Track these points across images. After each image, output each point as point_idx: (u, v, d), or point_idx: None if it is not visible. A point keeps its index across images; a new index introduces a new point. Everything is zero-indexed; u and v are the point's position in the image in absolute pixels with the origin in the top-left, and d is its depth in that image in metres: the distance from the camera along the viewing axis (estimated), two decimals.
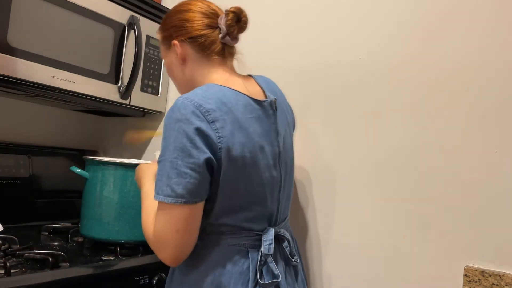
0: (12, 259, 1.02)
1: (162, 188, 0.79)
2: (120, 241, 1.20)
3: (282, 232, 0.94)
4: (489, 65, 1.02)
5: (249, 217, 0.88)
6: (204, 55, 0.94)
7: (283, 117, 0.98)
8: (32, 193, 1.49)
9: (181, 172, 0.78)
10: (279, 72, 1.35)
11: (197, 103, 0.81)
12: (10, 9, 1.07)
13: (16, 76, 1.10)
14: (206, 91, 0.84)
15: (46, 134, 1.63)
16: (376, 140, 1.16)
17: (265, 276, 0.86)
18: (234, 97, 0.86)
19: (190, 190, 0.79)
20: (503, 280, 0.95)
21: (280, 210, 0.96)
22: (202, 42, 0.93)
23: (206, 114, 0.81)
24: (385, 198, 1.13)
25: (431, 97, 1.09)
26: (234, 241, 0.87)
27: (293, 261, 0.95)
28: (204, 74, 0.94)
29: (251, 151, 0.85)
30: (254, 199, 0.88)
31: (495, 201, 0.98)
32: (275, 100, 0.93)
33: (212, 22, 0.93)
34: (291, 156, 1.02)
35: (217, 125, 0.81)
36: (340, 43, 1.25)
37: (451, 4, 1.08)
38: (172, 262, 0.83)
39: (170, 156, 0.79)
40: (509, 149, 0.98)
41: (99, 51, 1.31)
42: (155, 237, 0.82)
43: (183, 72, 0.97)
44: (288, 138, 1.00)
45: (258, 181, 0.88)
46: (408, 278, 1.08)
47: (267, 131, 0.90)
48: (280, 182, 0.94)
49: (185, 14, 0.94)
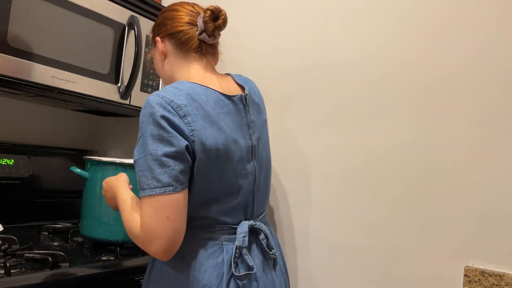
0: (12, 259, 1.02)
1: (148, 182, 0.81)
2: (120, 241, 1.20)
3: (258, 225, 0.95)
4: (489, 65, 1.02)
5: (224, 210, 0.90)
6: (182, 51, 0.98)
7: (258, 114, 1.01)
8: (32, 193, 1.49)
9: (163, 162, 0.80)
10: (278, 72, 1.35)
11: (168, 99, 0.84)
12: (10, 9, 1.07)
13: (16, 76, 1.10)
14: (176, 88, 0.88)
15: (46, 134, 1.63)
16: (376, 140, 1.16)
17: (240, 269, 0.88)
18: (204, 93, 0.90)
19: (176, 177, 0.81)
20: (503, 280, 0.95)
21: (256, 204, 0.97)
22: (180, 38, 0.97)
23: (178, 109, 0.84)
24: (385, 198, 1.13)
25: (432, 97, 1.09)
26: (209, 234, 0.89)
27: (271, 254, 0.96)
28: (182, 70, 0.98)
29: (224, 143, 0.88)
30: (227, 191, 0.90)
31: (495, 201, 0.98)
32: (245, 95, 0.96)
33: (192, 20, 0.97)
34: (267, 152, 1.04)
35: (188, 119, 0.84)
36: (340, 43, 1.25)
37: (451, 4, 1.08)
38: (165, 253, 0.82)
39: (150, 149, 0.81)
40: (509, 149, 0.98)
41: (99, 51, 1.31)
42: (144, 230, 0.82)
43: (164, 68, 1.02)
44: (264, 134, 1.03)
45: (231, 173, 0.90)
46: (408, 278, 1.08)
47: (239, 125, 0.93)
48: (254, 175, 0.96)
49: (169, 13, 1.00)
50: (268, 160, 1.05)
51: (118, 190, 0.98)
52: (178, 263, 0.88)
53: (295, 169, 1.30)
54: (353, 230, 1.18)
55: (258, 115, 1.01)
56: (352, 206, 1.19)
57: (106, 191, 1.06)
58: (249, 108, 0.97)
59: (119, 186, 0.99)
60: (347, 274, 1.18)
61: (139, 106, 1.47)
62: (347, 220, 1.19)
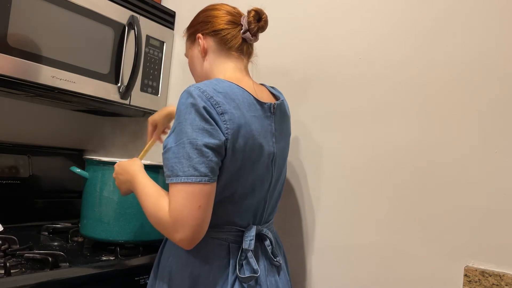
0: (12, 259, 1.02)
1: (184, 169, 0.80)
2: (120, 241, 1.20)
3: (265, 231, 0.96)
4: (489, 64, 1.02)
5: (236, 211, 0.91)
6: (224, 49, 0.99)
7: (283, 126, 1.02)
8: (32, 193, 1.49)
9: (203, 151, 0.80)
10: (278, 72, 1.35)
11: (208, 94, 0.84)
12: (10, 9, 1.07)
13: (16, 76, 1.10)
14: (216, 84, 0.88)
15: (46, 134, 1.63)
16: (376, 139, 1.16)
17: (245, 271, 0.89)
18: (241, 94, 0.90)
19: (212, 169, 0.81)
20: (503, 280, 0.95)
21: (266, 211, 0.98)
22: (224, 36, 0.99)
23: (216, 106, 0.84)
24: (385, 198, 1.13)
25: (432, 96, 1.09)
26: (217, 234, 0.90)
27: (275, 261, 0.97)
28: (219, 69, 0.99)
29: (252, 147, 0.89)
30: (244, 193, 0.91)
31: (495, 201, 0.98)
32: (274, 104, 0.97)
33: (235, 19, 1.00)
34: (284, 165, 1.06)
35: (225, 117, 0.84)
36: (340, 43, 1.25)
37: (450, 4, 1.08)
38: (190, 241, 0.81)
39: (190, 137, 0.81)
40: (509, 149, 0.98)
41: (99, 51, 1.31)
42: (172, 217, 0.80)
43: (203, 66, 1.02)
44: (286, 148, 1.05)
45: (252, 177, 0.91)
46: (408, 278, 1.08)
47: (265, 132, 0.94)
48: (270, 182, 0.97)
49: (211, 12, 1.02)
50: (284, 174, 1.06)
51: (136, 174, 0.96)
52: (183, 259, 0.89)
53: (294, 169, 1.30)
54: (353, 229, 1.18)
55: (285, 127, 1.03)
56: (352, 205, 1.19)
57: (119, 174, 1.04)
58: (276, 117, 0.98)
59: (137, 171, 0.98)
60: (347, 273, 1.18)
61: (139, 106, 1.47)
62: (347, 220, 1.19)
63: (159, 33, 1.52)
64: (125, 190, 1.04)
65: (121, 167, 1.04)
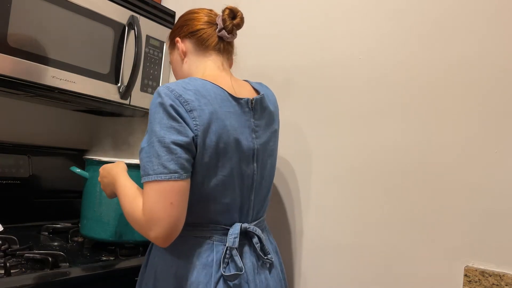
0: (12, 259, 1.02)
1: (153, 168, 0.82)
2: (120, 241, 1.20)
3: (252, 229, 0.95)
4: (489, 65, 1.02)
5: (218, 210, 0.91)
6: (201, 49, 1.01)
7: (268, 121, 1.01)
8: (32, 193, 1.49)
9: (171, 149, 0.82)
10: (278, 72, 1.35)
11: (177, 93, 0.86)
12: (10, 9, 1.07)
13: (16, 76, 1.10)
14: (188, 83, 0.90)
15: (46, 134, 1.63)
16: (376, 139, 1.16)
17: (230, 269, 0.89)
18: (214, 91, 0.91)
19: (182, 165, 0.83)
20: (503, 280, 0.95)
21: (253, 208, 0.98)
22: (201, 36, 1.00)
23: (185, 103, 0.85)
24: (385, 198, 1.13)
25: (433, 96, 1.09)
26: (201, 233, 0.91)
27: (266, 258, 0.96)
28: (198, 68, 1.01)
29: (226, 142, 0.89)
30: (224, 190, 0.91)
31: (495, 201, 0.98)
32: (252, 100, 0.97)
33: (211, 20, 1.02)
34: (272, 161, 1.05)
35: (194, 114, 0.86)
36: (339, 44, 1.25)
37: (450, 5, 1.08)
38: (165, 239, 0.82)
39: (158, 135, 0.83)
40: (509, 149, 0.98)
41: (99, 51, 1.31)
42: (146, 215, 0.82)
43: (183, 68, 1.04)
44: (271, 142, 1.03)
45: (229, 172, 0.91)
46: (408, 278, 1.08)
47: (243, 127, 0.94)
48: (252, 179, 0.96)
49: (189, 15, 1.04)
50: (272, 170, 1.05)
51: (118, 177, 0.98)
52: (168, 259, 0.90)
53: (294, 169, 1.30)
54: (353, 229, 1.18)
55: (267, 122, 1.01)
56: (352, 205, 1.19)
57: (104, 177, 1.06)
58: (255, 112, 0.97)
59: (119, 173, 1.00)
60: (347, 273, 1.18)
61: (139, 106, 1.47)
62: (346, 220, 1.19)
63: (159, 33, 1.52)
64: (109, 193, 1.06)
65: (106, 170, 1.06)
